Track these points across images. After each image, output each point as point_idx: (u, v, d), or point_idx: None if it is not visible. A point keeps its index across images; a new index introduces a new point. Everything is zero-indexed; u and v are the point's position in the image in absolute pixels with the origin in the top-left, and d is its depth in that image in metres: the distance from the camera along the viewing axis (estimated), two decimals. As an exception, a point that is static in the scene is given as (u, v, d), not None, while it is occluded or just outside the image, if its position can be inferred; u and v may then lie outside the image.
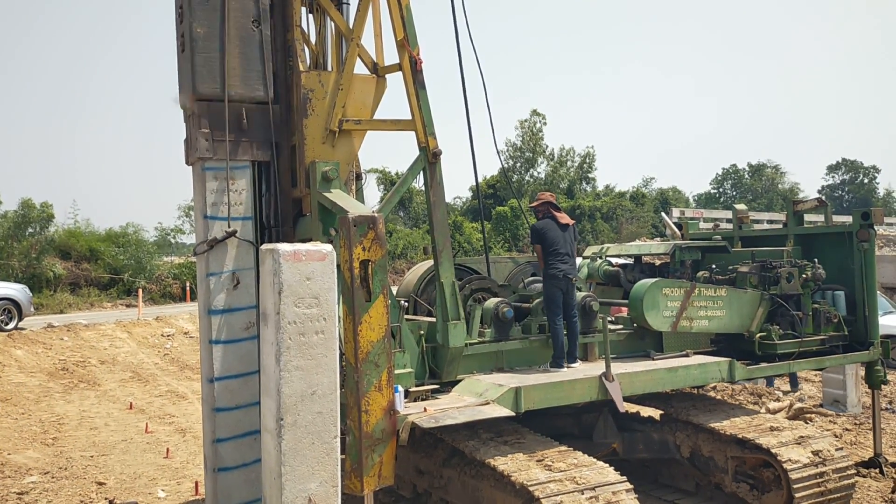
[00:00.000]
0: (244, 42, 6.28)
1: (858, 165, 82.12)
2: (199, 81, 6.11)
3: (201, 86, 6.12)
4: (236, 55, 6.24)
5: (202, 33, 6.11)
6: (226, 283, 6.22)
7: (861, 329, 8.43)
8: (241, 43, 6.26)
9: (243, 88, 6.27)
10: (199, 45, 6.10)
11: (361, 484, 5.37)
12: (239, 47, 6.25)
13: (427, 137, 6.53)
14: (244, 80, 6.27)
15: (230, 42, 6.19)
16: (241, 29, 6.27)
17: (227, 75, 6.16)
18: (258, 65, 6.33)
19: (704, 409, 7.47)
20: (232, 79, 6.20)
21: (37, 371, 15.14)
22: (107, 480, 8.91)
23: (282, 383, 4.90)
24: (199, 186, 6.30)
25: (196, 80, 6.11)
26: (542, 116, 58.87)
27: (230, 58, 6.19)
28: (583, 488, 5.45)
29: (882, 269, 17.43)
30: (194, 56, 6.10)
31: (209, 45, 6.15)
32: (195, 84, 6.11)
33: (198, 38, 6.10)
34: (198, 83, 6.11)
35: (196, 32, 6.09)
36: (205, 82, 6.13)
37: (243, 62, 6.27)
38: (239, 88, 6.25)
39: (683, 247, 9.10)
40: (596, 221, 51.52)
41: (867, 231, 8.32)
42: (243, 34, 6.28)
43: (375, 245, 5.48)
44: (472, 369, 6.81)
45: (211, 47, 6.16)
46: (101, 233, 31.11)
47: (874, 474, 8.30)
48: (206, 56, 6.13)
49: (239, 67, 6.25)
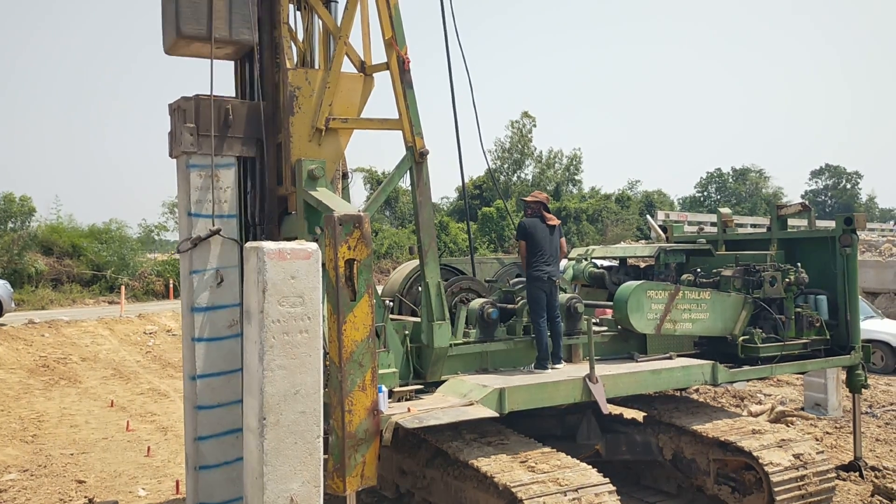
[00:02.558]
0: None
1: (841, 171, 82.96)
2: (183, 22, 5.99)
3: (185, 27, 6.00)
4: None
5: None
6: (209, 281, 6.18)
7: (843, 333, 8.49)
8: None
9: (228, 31, 6.17)
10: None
11: (344, 484, 5.35)
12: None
13: (414, 137, 6.52)
14: (228, 23, 6.17)
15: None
16: None
17: (212, 17, 6.05)
18: (243, 7, 6.24)
19: (687, 412, 7.51)
20: (217, 21, 6.10)
21: (17, 367, 14.98)
22: (87, 479, 8.83)
23: (265, 382, 4.87)
24: (184, 183, 6.25)
25: (180, 21, 5.98)
26: (532, 119, 59.10)
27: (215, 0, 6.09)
28: (565, 490, 5.45)
29: (864, 274, 17.59)
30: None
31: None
32: (179, 25, 5.99)
33: None
34: (182, 24, 5.98)
35: None
36: (189, 23, 6.01)
37: (228, 4, 6.17)
38: (223, 31, 6.15)
39: (668, 249, 9.14)
40: (581, 223, 51.72)
41: (850, 236, 8.38)
42: None
43: (361, 244, 5.46)
44: (457, 370, 6.80)
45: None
46: (83, 228, 30.89)
47: (854, 478, 8.36)
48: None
49: (223, 10, 6.15)
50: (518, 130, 58.75)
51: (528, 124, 59.08)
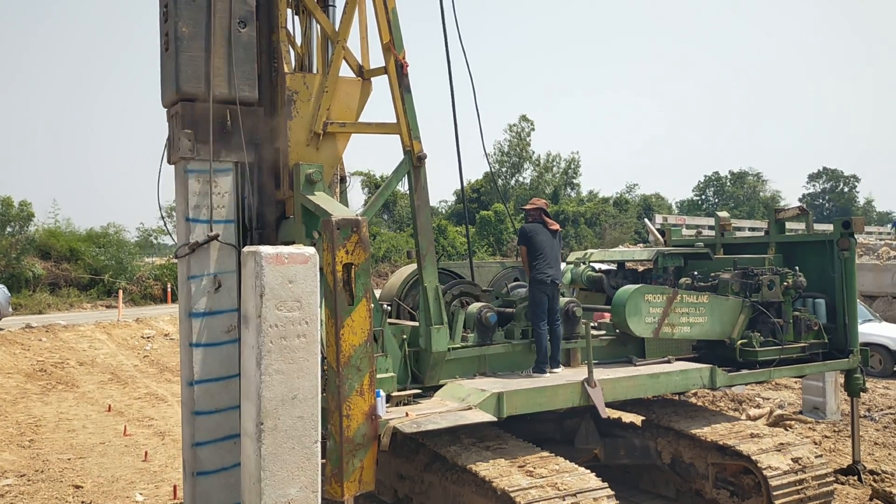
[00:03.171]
0: (229, 43, 6.24)
1: (839, 174, 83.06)
2: (182, 81, 6.07)
3: (185, 85, 6.08)
4: (221, 55, 6.19)
5: (187, 33, 6.07)
6: (207, 287, 6.17)
7: (841, 337, 8.50)
8: (226, 43, 6.23)
9: (228, 89, 6.24)
10: (184, 45, 6.06)
11: (342, 489, 5.33)
12: (224, 47, 6.21)
13: (412, 141, 6.52)
14: (229, 81, 6.24)
15: (215, 42, 6.15)
16: (227, 29, 6.24)
17: (212, 75, 6.12)
18: (243, 65, 6.30)
19: (686, 416, 7.50)
20: (216, 79, 6.16)
21: (14, 372, 14.95)
22: (84, 484, 8.80)
23: (262, 387, 4.86)
24: (182, 188, 6.25)
25: (180, 80, 6.06)
26: (530, 122, 59.20)
27: (215, 58, 6.15)
28: (564, 494, 5.45)
29: (862, 277, 17.62)
30: (178, 55, 6.05)
31: (194, 45, 6.11)
32: (179, 83, 6.06)
33: (182, 37, 6.06)
34: (181, 82, 6.06)
35: (181, 32, 6.05)
36: (189, 82, 6.09)
37: (228, 63, 6.23)
38: (223, 89, 6.21)
39: (666, 253, 9.15)
40: (579, 227, 51.77)
41: (848, 240, 8.39)
42: (229, 34, 6.24)
43: (359, 248, 5.46)
44: (455, 374, 6.79)
45: (195, 47, 6.11)
46: (81, 233, 30.85)
47: (853, 481, 8.36)
48: (191, 55, 6.09)
49: (224, 68, 6.21)
50: (517, 134, 58.83)
51: (527, 128, 59.19)
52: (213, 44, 6.14)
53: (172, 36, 6.09)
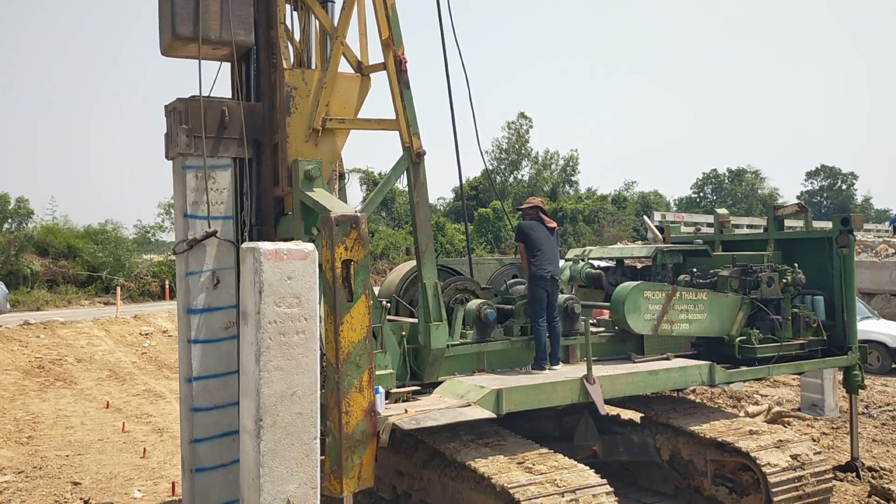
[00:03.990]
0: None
1: (837, 172, 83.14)
2: (178, 23, 5.99)
3: (181, 28, 6.01)
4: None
5: None
6: (205, 283, 6.16)
7: (840, 334, 8.50)
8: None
9: (224, 32, 6.17)
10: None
11: (341, 485, 5.33)
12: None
13: (411, 137, 6.50)
14: (225, 24, 6.16)
15: None
16: None
17: (207, 17, 6.04)
18: (240, 9, 6.23)
19: (684, 413, 7.50)
20: (212, 22, 6.09)
21: (12, 369, 14.94)
22: (82, 480, 8.80)
23: (261, 383, 4.85)
24: (180, 185, 6.23)
25: (176, 22, 5.99)
26: (528, 119, 59.12)
27: (211, 1, 6.08)
28: (563, 491, 5.44)
29: (860, 274, 17.64)
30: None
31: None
32: (175, 26, 5.99)
33: None
34: (177, 25, 5.99)
35: None
36: (185, 24, 6.01)
37: (224, 5, 6.16)
38: (217, 32, 6.14)
39: (665, 250, 9.14)
40: (578, 224, 51.78)
41: (847, 237, 8.39)
42: None
43: (358, 245, 5.44)
44: (454, 371, 6.78)
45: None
46: (79, 229, 30.83)
47: (851, 478, 8.37)
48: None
49: (219, 10, 6.14)
50: (515, 131, 58.77)
51: (525, 125, 59.13)
52: None
53: None
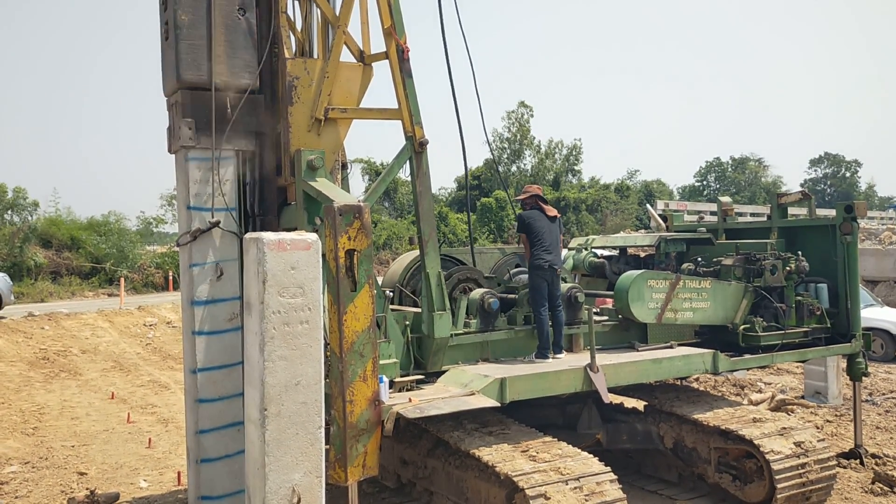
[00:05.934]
0: (229, 30, 6.21)
1: (840, 159, 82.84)
2: (183, 69, 6.04)
3: (186, 73, 6.05)
4: (222, 43, 6.16)
5: (187, 20, 6.03)
6: (209, 274, 6.16)
7: (843, 321, 8.49)
8: (226, 30, 6.19)
9: (229, 76, 6.20)
10: (184, 33, 6.03)
11: (346, 474, 5.35)
12: (224, 35, 6.18)
13: (413, 127, 6.48)
14: (230, 68, 6.20)
15: (215, 29, 6.12)
16: (227, 17, 6.20)
17: (213, 63, 6.09)
18: (244, 53, 6.26)
19: (688, 401, 7.51)
20: (217, 66, 6.13)
21: (17, 360, 14.99)
22: (88, 471, 8.84)
23: (266, 373, 4.86)
24: (183, 176, 6.23)
25: (180, 68, 6.03)
26: (529, 108, 58.89)
27: (215, 45, 6.11)
28: (567, 479, 5.46)
29: (864, 262, 17.59)
30: (178, 43, 6.02)
31: (194, 33, 6.08)
32: (179, 72, 6.03)
33: (182, 25, 6.02)
34: (182, 71, 6.04)
35: (180, 20, 6.02)
36: (189, 70, 6.06)
37: (228, 50, 6.20)
38: (224, 76, 6.18)
39: (668, 239, 9.13)
40: (581, 213, 51.71)
41: (850, 224, 8.36)
42: (228, 22, 6.21)
43: (361, 234, 5.44)
44: (458, 360, 6.79)
45: (195, 35, 6.08)
46: (82, 221, 30.84)
47: (854, 465, 8.38)
48: (191, 44, 6.06)
49: (224, 55, 6.18)
50: (516, 120, 58.57)
51: (526, 114, 58.91)
52: (214, 31, 6.10)
53: (172, 24, 6.06)
